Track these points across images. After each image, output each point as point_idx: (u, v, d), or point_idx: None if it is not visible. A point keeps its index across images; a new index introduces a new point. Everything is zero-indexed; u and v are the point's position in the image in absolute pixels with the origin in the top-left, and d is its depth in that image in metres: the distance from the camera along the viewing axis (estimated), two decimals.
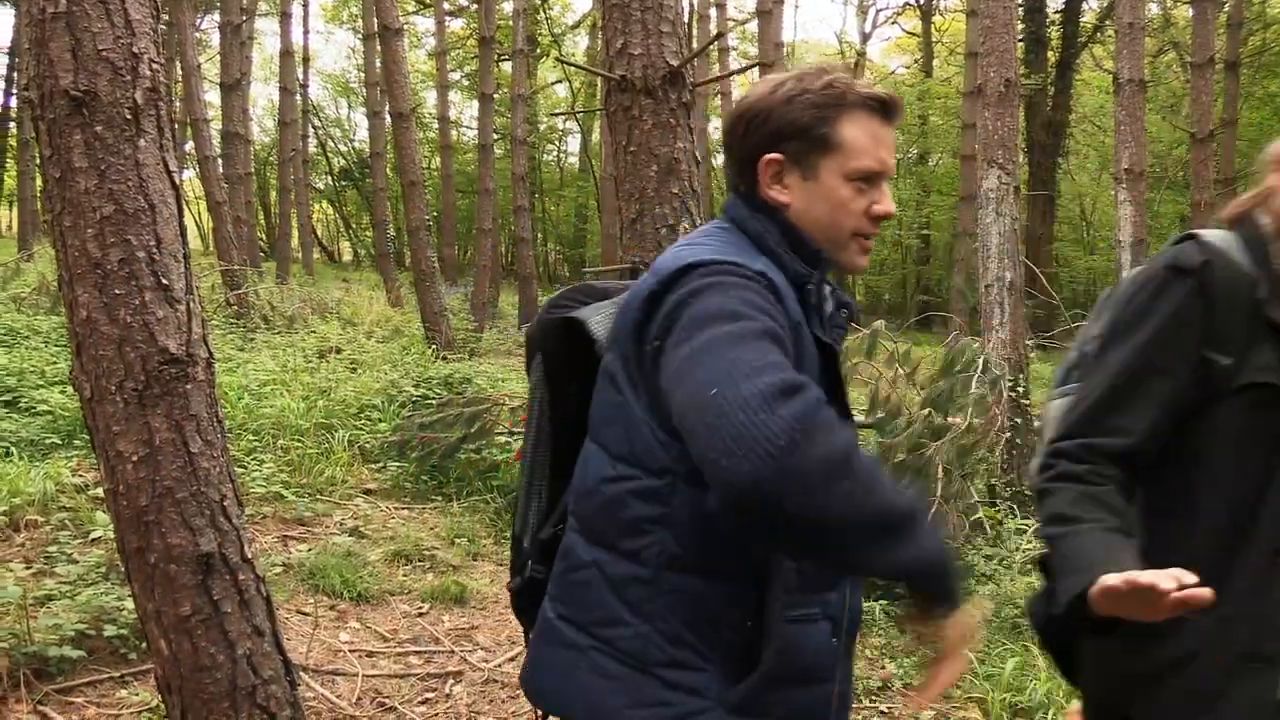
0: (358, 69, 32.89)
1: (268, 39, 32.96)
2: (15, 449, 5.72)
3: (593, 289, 1.82)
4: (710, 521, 1.43)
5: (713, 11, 20.71)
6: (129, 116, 2.52)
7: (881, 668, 4.19)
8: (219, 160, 14.96)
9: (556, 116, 34.43)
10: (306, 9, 28.89)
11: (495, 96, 20.27)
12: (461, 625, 4.79)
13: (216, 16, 21.25)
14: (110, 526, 2.78)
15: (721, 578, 1.47)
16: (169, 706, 2.77)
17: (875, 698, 3.93)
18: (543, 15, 31.30)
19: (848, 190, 1.54)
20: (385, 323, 14.01)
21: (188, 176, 21.27)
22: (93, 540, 4.70)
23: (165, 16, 13.97)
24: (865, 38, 36.16)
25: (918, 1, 33.03)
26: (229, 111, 16.12)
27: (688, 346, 1.36)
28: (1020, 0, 19.95)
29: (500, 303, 19.64)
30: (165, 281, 2.58)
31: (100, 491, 4.30)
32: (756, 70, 20.06)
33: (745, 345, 1.32)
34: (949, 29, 32.91)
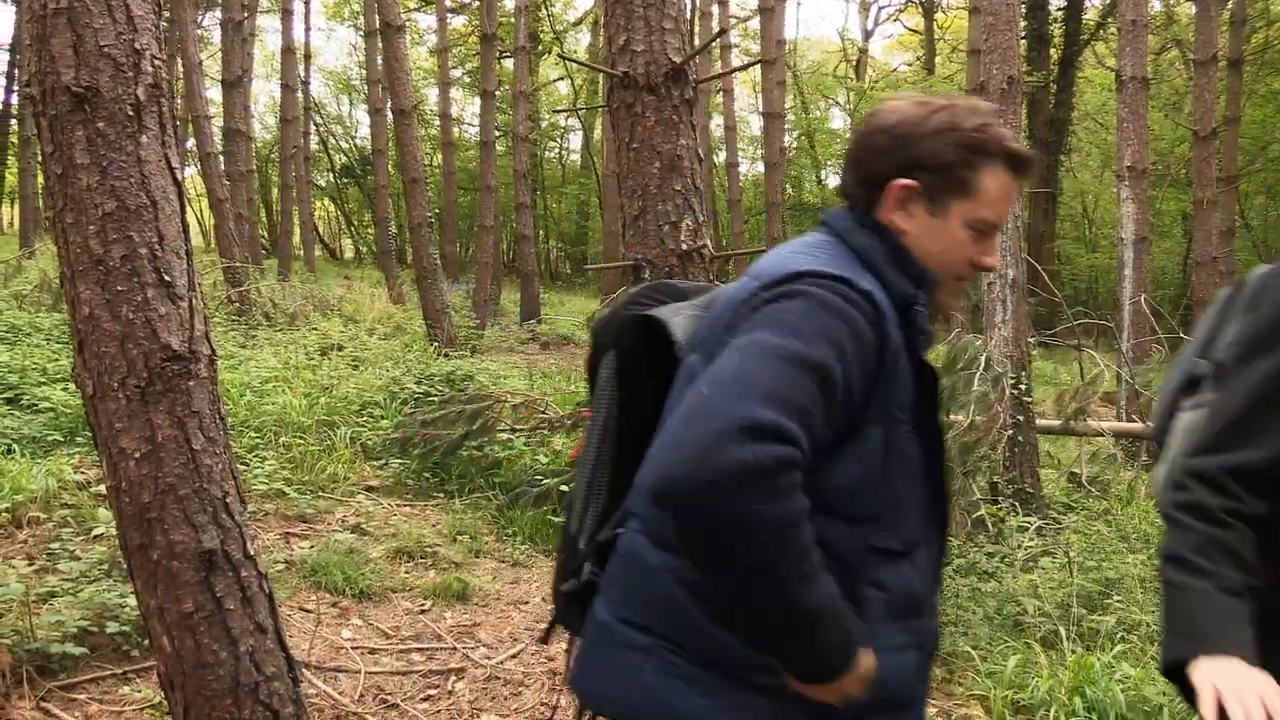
0: (359, 66, 32.87)
1: (269, 36, 33.00)
2: (17, 446, 5.72)
3: (672, 288, 1.77)
4: None
5: (715, 8, 20.71)
6: (131, 113, 2.52)
7: None
8: (221, 157, 14.96)
9: (558, 113, 34.43)
10: (308, 6, 28.91)
11: (497, 93, 20.27)
12: (464, 622, 4.79)
13: (218, 13, 21.24)
14: (112, 523, 2.78)
15: None
16: (171, 703, 2.77)
17: None
18: (544, 12, 31.28)
19: (965, 235, 1.53)
20: (387, 320, 14.01)
21: (189, 174, 21.28)
22: (95, 537, 4.70)
23: (166, 13, 13.99)
24: (867, 35, 36.20)
25: None
26: (230, 108, 16.11)
27: (743, 338, 1.35)
28: None
29: (502, 300, 19.62)
30: (168, 278, 2.58)
31: (102, 488, 4.31)
32: (759, 67, 20.05)
33: (777, 365, 1.29)
34: (951, 26, 32.88)
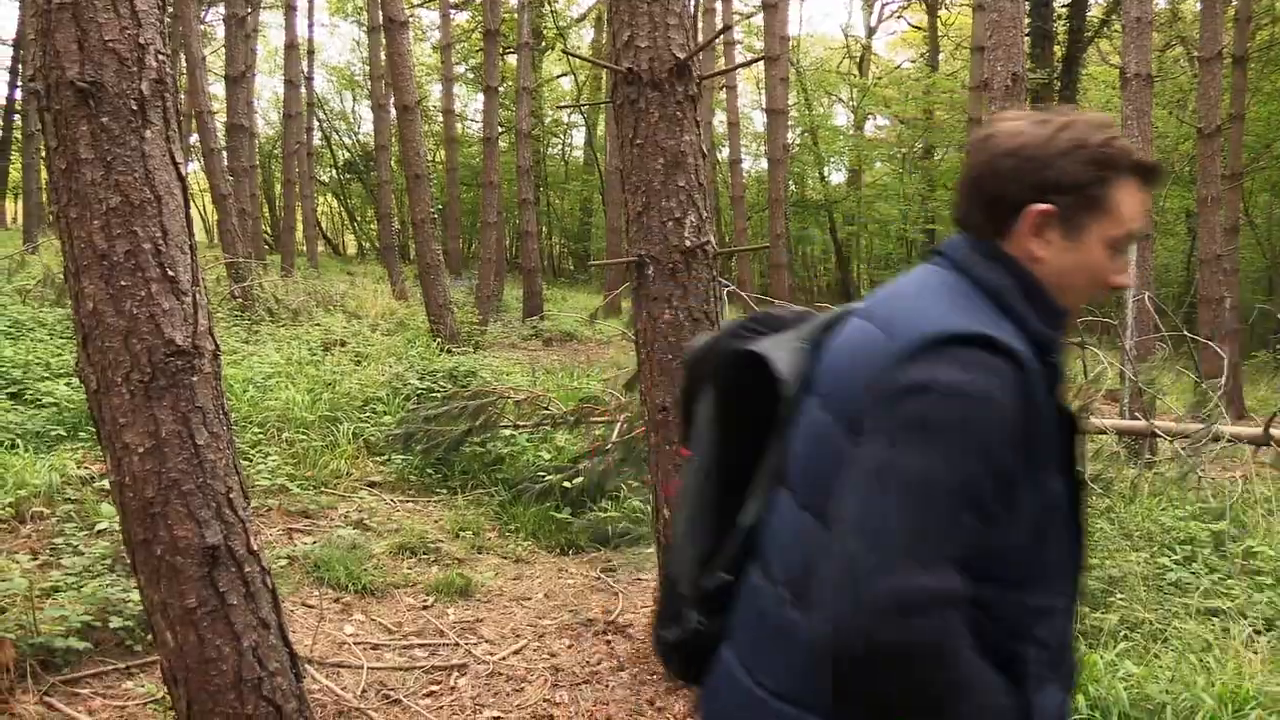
0: (362, 62, 32.84)
1: (272, 32, 32.91)
2: (21, 441, 5.73)
3: (771, 318, 1.65)
4: None
5: (719, 5, 20.65)
6: (135, 107, 2.52)
7: None
8: (224, 153, 14.95)
9: (562, 109, 34.39)
10: (311, 1, 28.80)
11: (500, 89, 20.24)
12: (466, 618, 4.79)
13: (221, 9, 21.26)
14: (115, 518, 2.78)
15: None
16: (175, 698, 2.77)
17: None
18: (548, 8, 31.24)
19: (1102, 254, 1.44)
20: (390, 316, 14.01)
21: (192, 169, 21.30)
22: (98, 532, 4.70)
23: (170, 9, 13.99)
24: (871, 32, 36.16)
25: None
26: (234, 104, 16.10)
27: (884, 450, 1.22)
28: None
29: (505, 296, 19.60)
30: (171, 273, 2.58)
31: (106, 484, 4.31)
32: (763, 64, 20.02)
33: (928, 507, 1.17)
34: (955, 23, 32.82)
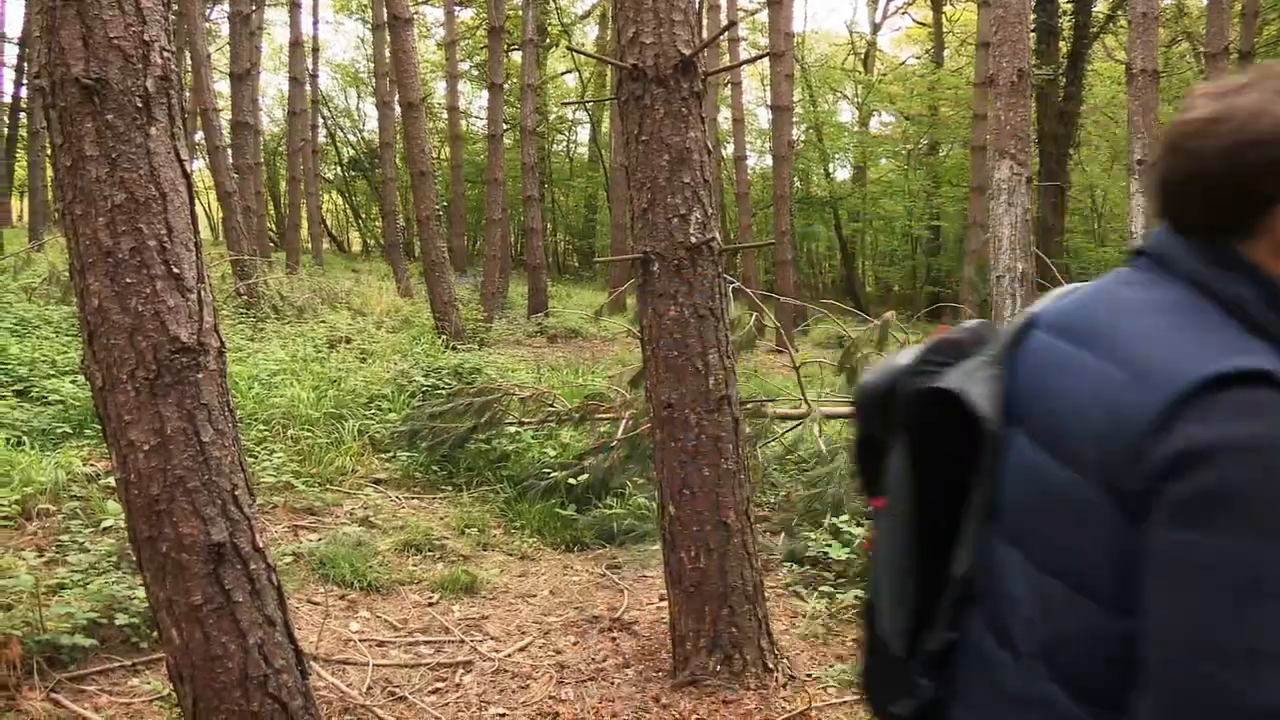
0: (367, 59, 32.88)
1: (277, 29, 32.91)
2: (27, 438, 5.73)
3: (947, 345, 1.48)
4: None
5: (723, 1, 20.62)
6: (140, 104, 2.52)
7: None
8: (229, 150, 14.96)
9: (566, 106, 34.36)
10: None
11: (505, 86, 20.23)
12: (471, 615, 4.79)
13: (226, 6, 21.27)
14: (121, 515, 2.78)
15: None
16: (181, 695, 2.77)
17: None
18: (552, 5, 31.24)
19: None
20: (395, 313, 14.02)
21: (197, 166, 21.29)
22: (104, 529, 4.71)
23: (175, 6, 13.99)
24: (876, 28, 36.08)
25: None
26: (238, 102, 16.12)
27: (1193, 542, 1.02)
28: None
29: (510, 293, 19.62)
30: (177, 270, 2.58)
31: (111, 481, 4.32)
32: (767, 60, 19.99)
33: (1261, 605, 0.98)
34: (960, 19, 32.73)
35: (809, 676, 4.02)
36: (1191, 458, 1.02)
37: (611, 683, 4.00)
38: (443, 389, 7.93)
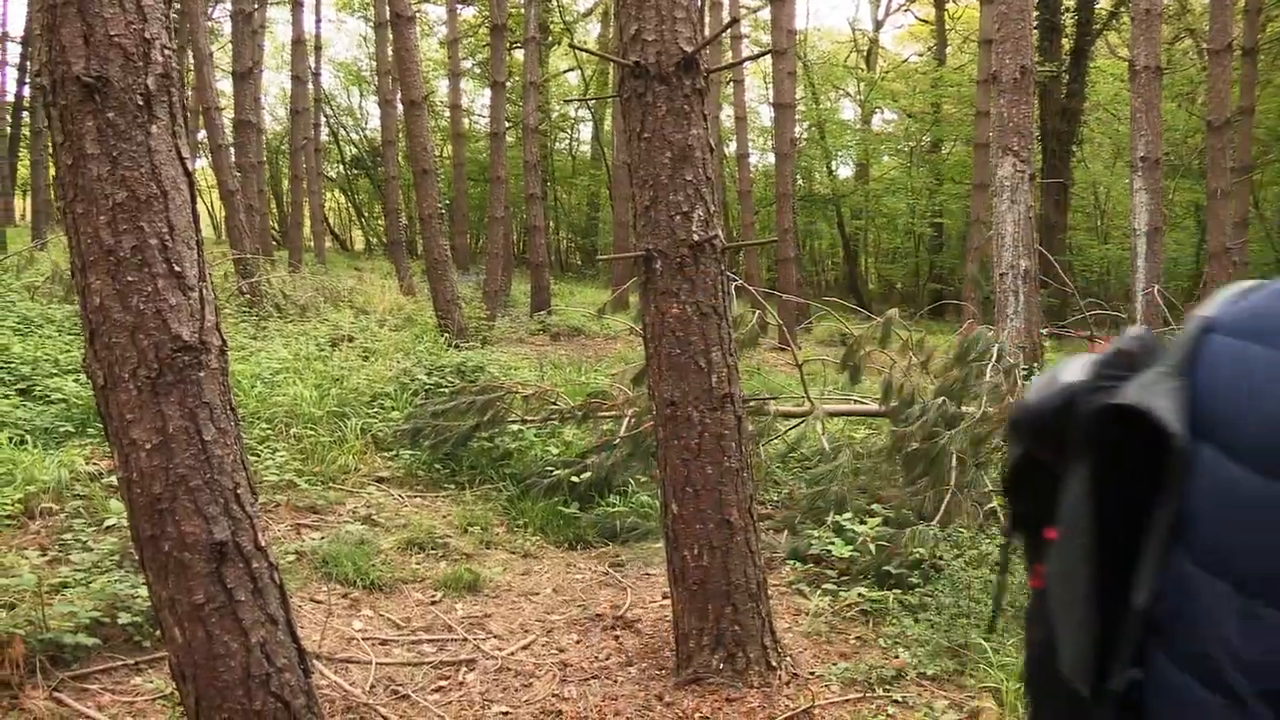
0: (369, 57, 32.88)
1: (279, 27, 32.92)
2: (30, 437, 5.74)
3: (1120, 357, 1.39)
4: None
5: None
6: (141, 102, 2.51)
7: (895, 656, 4.18)
8: (231, 149, 14.98)
9: (569, 104, 34.37)
10: None
11: (507, 85, 20.23)
12: (474, 613, 4.79)
13: (228, 5, 21.28)
14: (124, 514, 2.78)
15: None
16: (183, 694, 2.77)
17: (889, 687, 3.91)
18: (554, 3, 31.22)
19: None
20: (398, 311, 14.02)
21: (200, 165, 21.30)
22: (107, 528, 4.71)
23: (177, 5, 13.99)
24: (878, 25, 36.03)
25: None
26: (241, 100, 16.15)
27: None
28: None
29: (512, 291, 19.62)
30: (178, 268, 2.58)
31: (114, 480, 4.31)
32: (770, 58, 19.98)
33: None
34: (962, 16, 32.69)
35: (812, 674, 4.02)
36: None
37: (614, 681, 4.00)
38: (445, 387, 7.92)
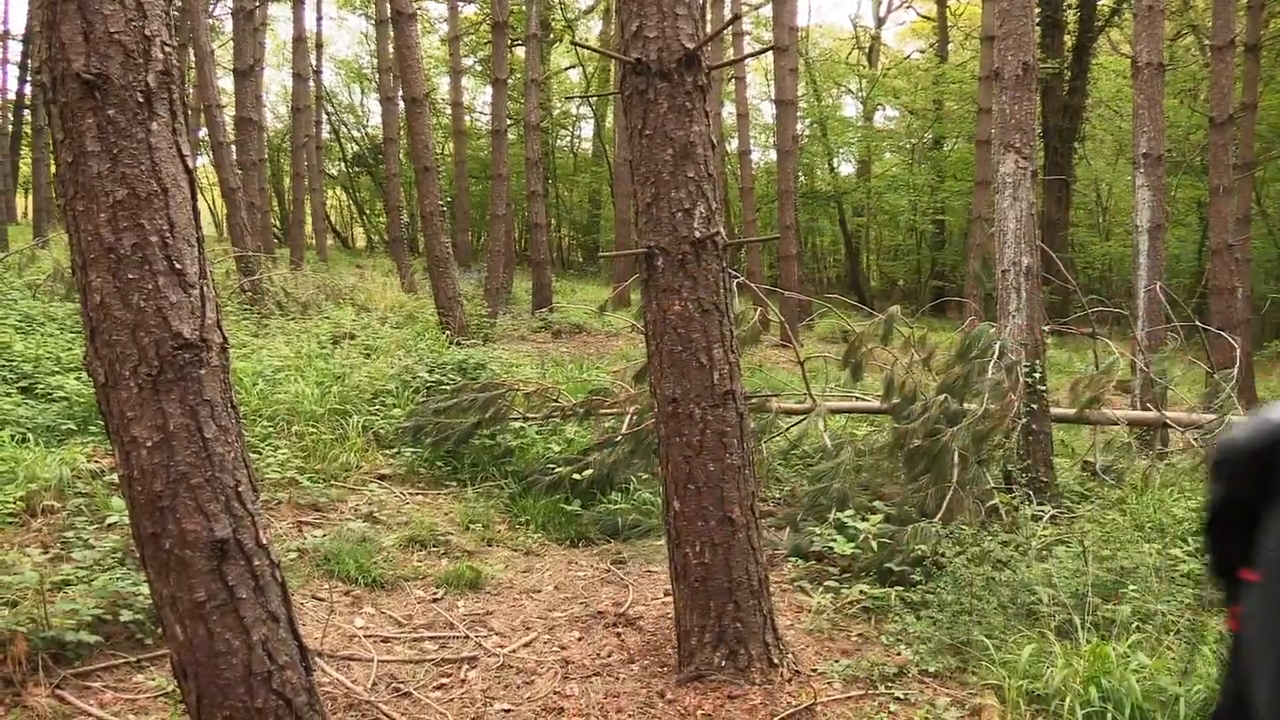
0: (371, 54, 32.88)
1: (280, 25, 32.90)
2: (32, 435, 5.74)
3: None
4: None
5: None
6: (141, 100, 2.51)
7: (897, 653, 4.17)
8: (233, 147, 14.97)
9: (570, 100, 34.35)
10: None
11: (509, 82, 20.21)
12: (476, 611, 4.79)
13: (229, 2, 21.26)
14: (126, 512, 2.78)
15: None
16: (185, 692, 2.77)
17: (891, 684, 3.91)
18: (556, 0, 31.19)
19: None
20: (399, 308, 14.02)
21: (201, 163, 21.32)
22: (109, 526, 4.71)
23: (177, 1, 13.99)
24: (880, 22, 35.97)
25: None
26: (242, 98, 16.12)
27: None
28: None
29: (514, 288, 19.62)
30: (179, 266, 2.57)
31: (116, 477, 4.32)
32: (771, 55, 19.96)
33: None
34: (964, 13, 32.65)
35: (814, 671, 4.02)
36: None
37: (616, 678, 4.00)
38: (447, 385, 7.92)
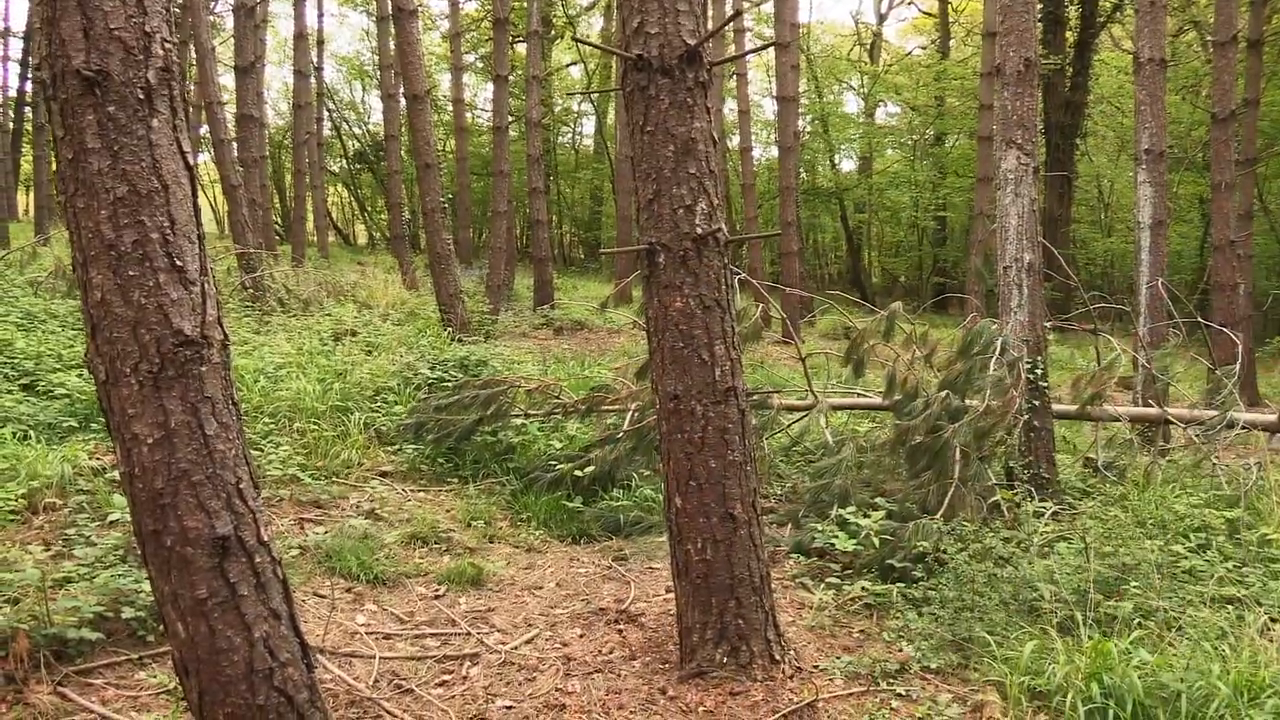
0: (372, 51, 32.88)
1: (282, 22, 32.95)
2: (33, 432, 5.75)
3: None
4: None
5: None
6: (141, 96, 2.51)
7: (899, 650, 4.17)
8: (234, 144, 14.96)
9: (572, 97, 34.32)
10: None
11: (510, 78, 20.19)
12: (478, 608, 4.79)
13: None
14: (127, 509, 2.78)
15: None
16: (186, 689, 2.77)
17: (893, 680, 3.91)
18: None
19: None
20: (401, 305, 14.02)
21: (203, 160, 21.33)
22: (110, 523, 4.72)
23: None
24: (881, 18, 35.93)
25: None
26: (243, 95, 16.10)
27: None
28: None
29: (515, 285, 19.61)
30: (179, 263, 2.57)
31: (117, 474, 4.32)
32: (773, 51, 19.94)
33: None
34: (966, 9, 32.62)
35: (816, 668, 4.01)
36: None
37: (618, 675, 4.00)
38: (449, 381, 7.92)
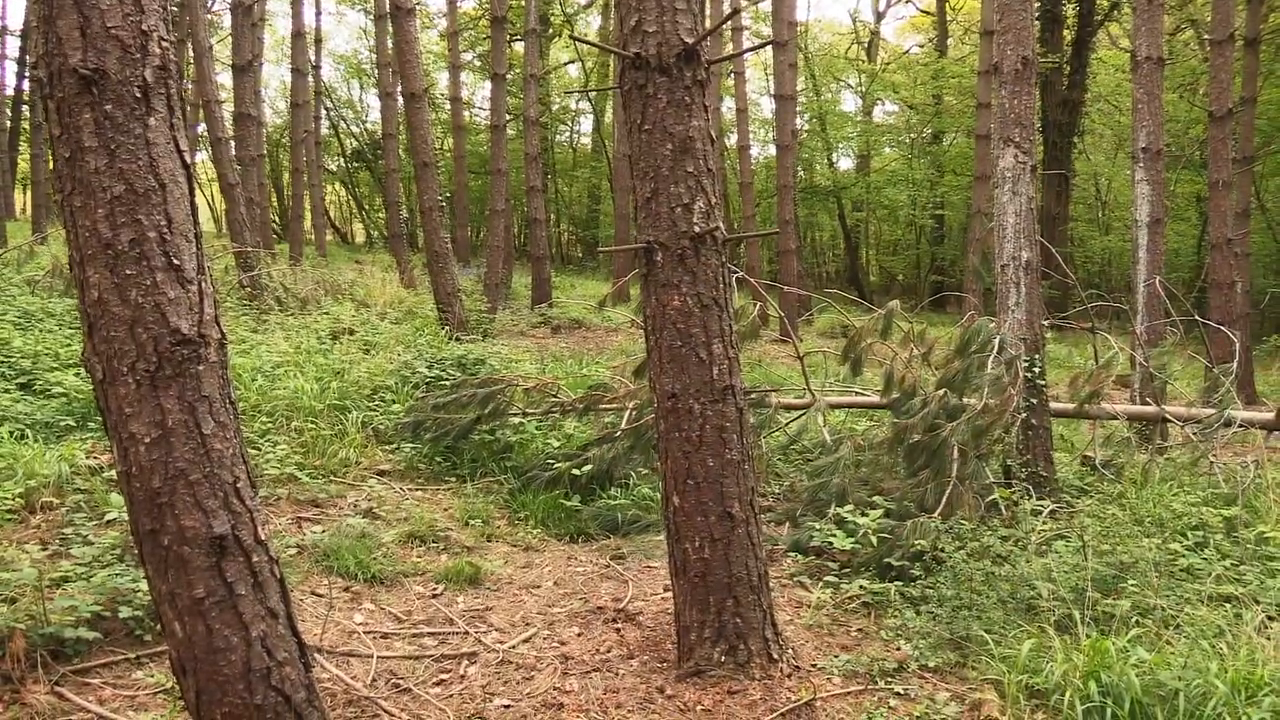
0: (369, 50, 32.86)
1: (279, 20, 32.93)
2: (31, 431, 5.74)
3: None
4: None
5: None
6: (139, 95, 2.50)
7: (897, 648, 4.17)
8: (231, 142, 14.94)
9: (569, 95, 34.32)
10: None
11: (508, 77, 20.18)
12: (476, 606, 4.79)
13: None
14: (125, 508, 2.77)
15: None
16: (184, 688, 2.77)
17: (891, 679, 3.91)
18: None
19: None
20: (398, 304, 14.02)
21: (200, 159, 21.32)
22: (108, 522, 4.71)
23: None
24: (879, 17, 35.94)
25: None
26: (241, 93, 16.08)
27: None
28: None
29: (513, 284, 19.62)
30: (177, 262, 2.57)
31: (114, 474, 4.32)
32: (771, 49, 19.94)
33: None
34: (964, 7, 32.62)
35: (814, 667, 4.01)
36: None
37: (616, 673, 3.99)
38: (446, 380, 7.92)
